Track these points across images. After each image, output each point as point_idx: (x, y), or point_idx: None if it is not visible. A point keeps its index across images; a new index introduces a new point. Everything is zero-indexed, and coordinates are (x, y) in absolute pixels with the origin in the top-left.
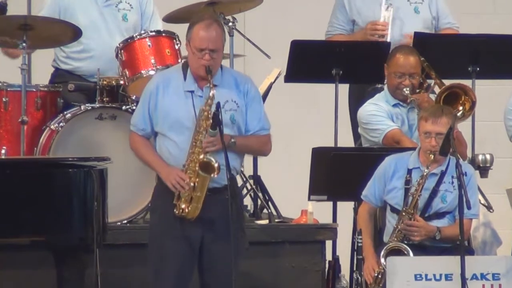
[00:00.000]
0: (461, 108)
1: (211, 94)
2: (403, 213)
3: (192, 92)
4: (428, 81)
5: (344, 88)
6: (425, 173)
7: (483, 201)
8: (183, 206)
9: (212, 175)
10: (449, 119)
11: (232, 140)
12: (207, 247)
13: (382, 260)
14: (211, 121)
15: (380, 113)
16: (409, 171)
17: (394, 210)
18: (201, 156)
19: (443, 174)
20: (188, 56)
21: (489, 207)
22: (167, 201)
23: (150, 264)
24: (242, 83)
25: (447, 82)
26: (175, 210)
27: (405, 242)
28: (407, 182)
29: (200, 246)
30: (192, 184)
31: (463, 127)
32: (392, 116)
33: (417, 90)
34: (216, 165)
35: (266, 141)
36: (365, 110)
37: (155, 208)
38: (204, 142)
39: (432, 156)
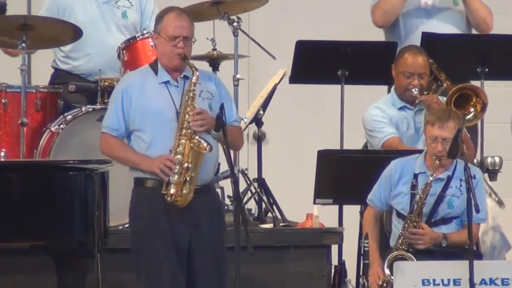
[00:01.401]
0: (472, 109)
1: (195, 75)
2: (408, 221)
3: (167, 82)
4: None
5: (350, 90)
6: (429, 181)
7: (493, 196)
8: (172, 191)
9: (205, 151)
10: (456, 124)
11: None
12: (194, 251)
13: (387, 271)
14: (195, 102)
15: (382, 118)
16: (415, 176)
17: (400, 215)
18: (196, 137)
19: (449, 178)
20: (158, 50)
21: (500, 203)
22: (154, 204)
23: (141, 270)
24: (211, 76)
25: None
26: (166, 197)
27: (410, 250)
28: (413, 187)
29: (188, 250)
30: (186, 164)
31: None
32: (397, 121)
33: (425, 92)
34: (205, 144)
35: (241, 133)
36: (369, 114)
37: (141, 212)
38: (192, 120)
39: (438, 161)
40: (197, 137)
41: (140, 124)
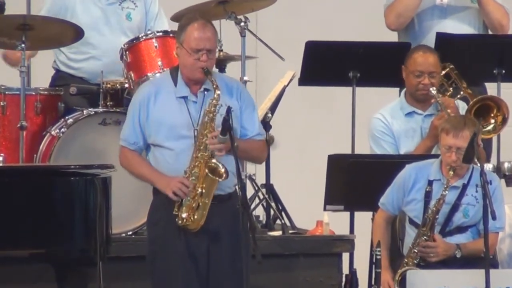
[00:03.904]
0: (492, 121)
1: (215, 95)
2: (420, 234)
3: (185, 98)
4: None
5: (361, 92)
6: (441, 195)
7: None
8: (184, 215)
9: (220, 179)
10: (471, 132)
11: (235, 144)
12: (214, 263)
13: None
14: (215, 123)
15: (380, 133)
16: (430, 183)
17: (413, 222)
18: (213, 160)
19: (465, 187)
20: (179, 60)
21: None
22: (170, 212)
23: (154, 281)
24: (233, 87)
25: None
26: (177, 220)
27: (421, 264)
28: (427, 194)
29: (207, 261)
30: (199, 190)
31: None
32: (400, 135)
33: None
34: (223, 170)
35: (264, 147)
36: (373, 123)
37: (157, 220)
38: (211, 146)
39: (452, 172)
40: (214, 161)
41: (156, 139)
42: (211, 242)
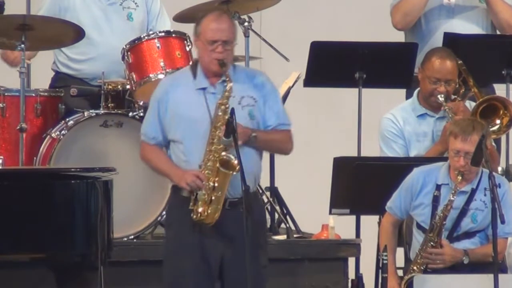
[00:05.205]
0: (498, 121)
1: (228, 87)
2: (427, 240)
3: (204, 89)
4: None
5: (368, 93)
6: (449, 201)
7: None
8: (200, 209)
9: (232, 172)
10: (480, 136)
11: (253, 134)
12: (228, 267)
13: None
14: (228, 116)
15: (391, 135)
16: (438, 187)
17: (420, 227)
18: (223, 153)
19: (473, 191)
20: (198, 53)
21: None
22: (185, 214)
23: (165, 283)
24: (256, 77)
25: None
26: (192, 215)
27: (428, 270)
28: (435, 198)
29: (220, 265)
30: (212, 184)
31: None
32: (411, 138)
33: (453, 97)
34: (235, 162)
35: (288, 137)
36: (383, 123)
37: (171, 221)
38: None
39: (460, 177)
40: (225, 154)
41: (175, 134)
42: (225, 246)
